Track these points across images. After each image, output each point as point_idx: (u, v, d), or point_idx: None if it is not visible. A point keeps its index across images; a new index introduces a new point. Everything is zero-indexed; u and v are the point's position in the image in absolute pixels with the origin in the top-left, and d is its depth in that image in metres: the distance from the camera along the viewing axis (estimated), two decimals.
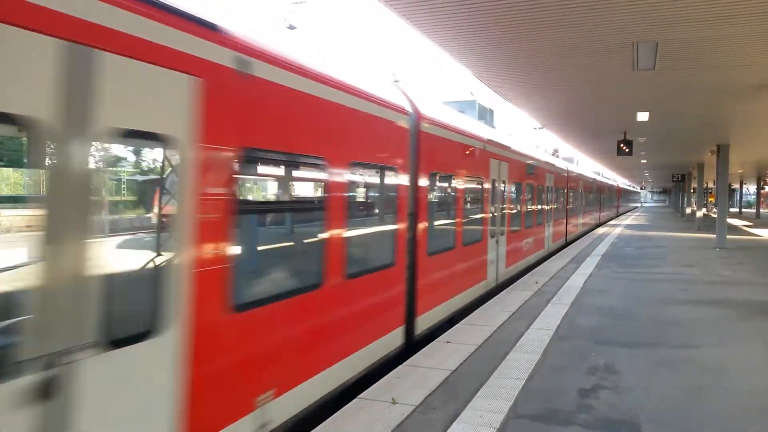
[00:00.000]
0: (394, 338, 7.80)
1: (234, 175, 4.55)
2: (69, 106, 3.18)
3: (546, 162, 20.39)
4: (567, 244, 25.51)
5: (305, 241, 6.34)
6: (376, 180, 7.71)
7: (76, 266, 3.24)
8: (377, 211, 8.00)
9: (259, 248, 5.76)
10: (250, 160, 4.95)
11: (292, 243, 6.47)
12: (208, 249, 4.24)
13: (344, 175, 6.31)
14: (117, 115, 3.48)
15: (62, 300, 3.15)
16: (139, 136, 3.76)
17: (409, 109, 8.33)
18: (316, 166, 5.96)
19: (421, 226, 8.65)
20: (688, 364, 7.48)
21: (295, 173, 6.36)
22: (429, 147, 9.07)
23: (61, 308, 3.14)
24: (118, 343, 3.49)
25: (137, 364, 3.65)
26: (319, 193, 6.35)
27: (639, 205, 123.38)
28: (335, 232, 6.12)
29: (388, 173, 7.70)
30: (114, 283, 3.51)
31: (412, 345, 8.29)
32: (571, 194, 26.45)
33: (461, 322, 9.59)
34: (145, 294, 3.84)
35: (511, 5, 7.59)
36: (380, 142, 7.51)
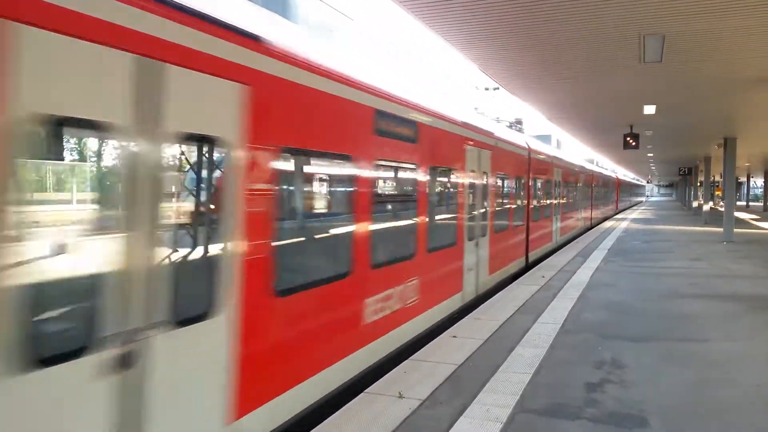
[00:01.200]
0: None
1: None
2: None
3: (476, 128, 11.48)
4: (529, 265, 16.71)
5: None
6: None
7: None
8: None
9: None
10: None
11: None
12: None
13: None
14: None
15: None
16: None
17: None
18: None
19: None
20: (696, 357, 7.45)
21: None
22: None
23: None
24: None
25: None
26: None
27: (644, 199, 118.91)
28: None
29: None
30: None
31: None
32: (538, 185, 18.46)
33: (467, 316, 9.58)
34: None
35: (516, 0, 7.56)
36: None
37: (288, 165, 5.61)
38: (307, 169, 6.26)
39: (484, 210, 11.95)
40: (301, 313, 5.55)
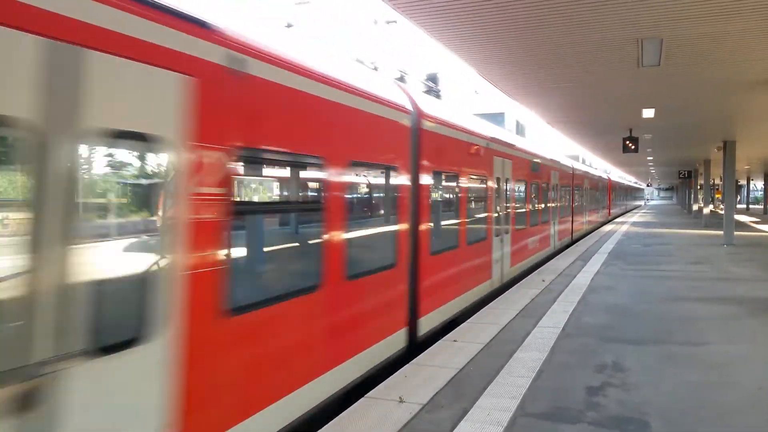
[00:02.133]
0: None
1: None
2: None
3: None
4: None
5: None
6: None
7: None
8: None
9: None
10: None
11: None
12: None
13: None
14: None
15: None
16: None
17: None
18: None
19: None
20: (697, 360, 7.44)
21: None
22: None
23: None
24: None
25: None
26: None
27: (642, 203, 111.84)
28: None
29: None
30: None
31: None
32: (471, 191, 11.12)
33: (468, 320, 9.57)
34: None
35: (515, 4, 7.57)
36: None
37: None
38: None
39: None
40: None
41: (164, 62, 3.83)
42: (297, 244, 6.48)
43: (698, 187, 47.06)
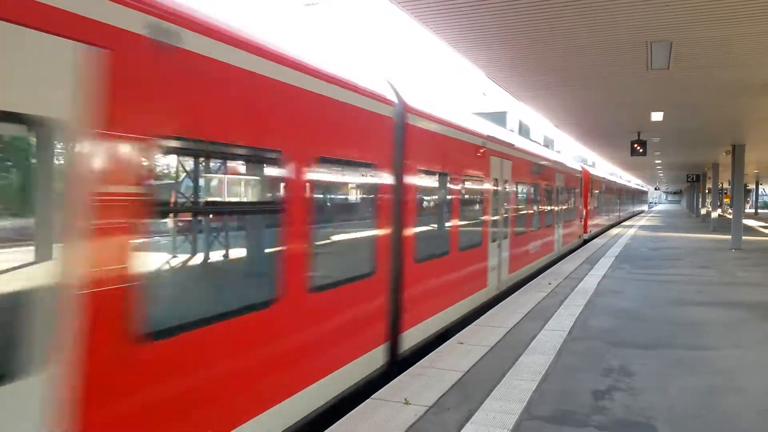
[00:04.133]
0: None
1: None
2: None
3: None
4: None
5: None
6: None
7: None
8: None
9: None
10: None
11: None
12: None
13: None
14: None
15: None
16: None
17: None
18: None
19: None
20: (703, 365, 7.41)
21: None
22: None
23: None
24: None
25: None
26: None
27: (645, 208, 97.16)
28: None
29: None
30: None
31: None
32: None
33: (474, 323, 9.56)
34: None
35: (523, 5, 7.57)
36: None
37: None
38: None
39: None
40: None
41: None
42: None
43: (706, 190, 46.85)
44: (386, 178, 7.19)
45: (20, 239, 3.14)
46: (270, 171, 5.24)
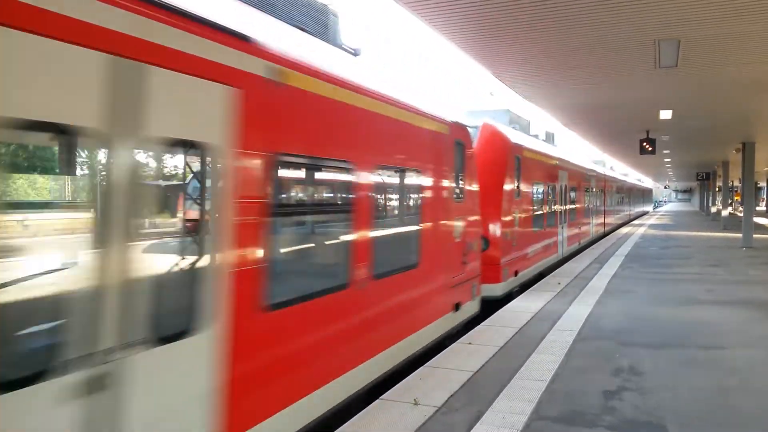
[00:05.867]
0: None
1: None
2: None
3: None
4: None
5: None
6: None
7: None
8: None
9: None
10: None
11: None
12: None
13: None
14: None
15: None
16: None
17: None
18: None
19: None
20: (714, 365, 7.36)
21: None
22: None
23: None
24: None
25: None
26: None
27: (649, 209, 78.59)
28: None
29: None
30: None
31: None
32: None
33: (482, 323, 9.54)
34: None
35: (530, 3, 7.55)
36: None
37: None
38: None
39: None
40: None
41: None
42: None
43: (717, 188, 46.55)
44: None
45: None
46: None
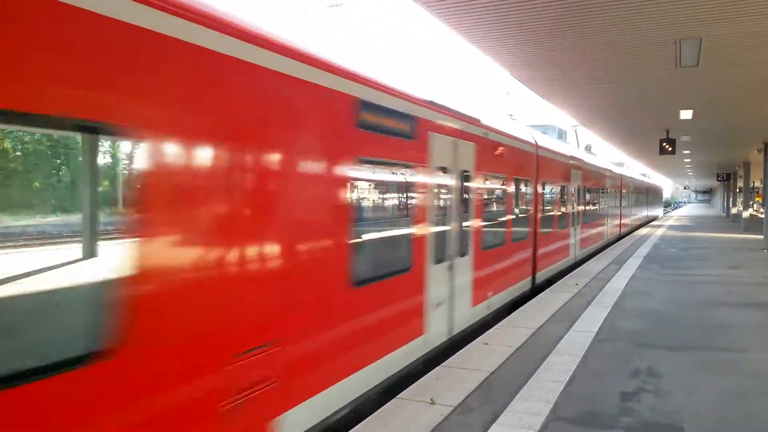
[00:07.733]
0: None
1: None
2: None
3: None
4: None
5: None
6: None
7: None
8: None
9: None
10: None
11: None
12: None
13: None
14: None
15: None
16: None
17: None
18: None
19: None
20: (733, 367, 7.29)
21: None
22: None
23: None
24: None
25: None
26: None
27: (659, 213, 63.52)
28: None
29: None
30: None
31: None
32: None
33: (499, 324, 9.53)
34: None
35: (551, 2, 7.52)
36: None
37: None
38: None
39: None
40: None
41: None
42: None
43: (737, 189, 45.95)
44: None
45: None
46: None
